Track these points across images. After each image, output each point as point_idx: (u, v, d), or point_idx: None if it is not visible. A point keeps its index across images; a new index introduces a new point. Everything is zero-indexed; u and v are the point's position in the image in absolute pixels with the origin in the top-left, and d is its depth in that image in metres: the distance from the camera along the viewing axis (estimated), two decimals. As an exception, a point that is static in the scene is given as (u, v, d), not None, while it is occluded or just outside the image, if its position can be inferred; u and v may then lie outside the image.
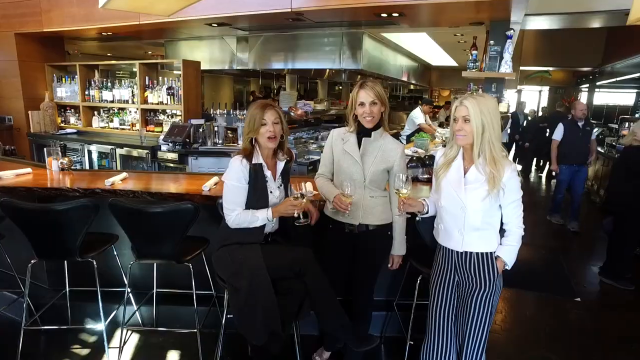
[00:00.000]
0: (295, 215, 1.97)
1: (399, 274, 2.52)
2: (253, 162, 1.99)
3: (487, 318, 1.85)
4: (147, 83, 5.02)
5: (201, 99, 5.87)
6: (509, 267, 1.85)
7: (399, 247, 2.23)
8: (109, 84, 5.34)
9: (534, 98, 17.39)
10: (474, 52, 3.63)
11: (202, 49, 6.19)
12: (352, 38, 5.14)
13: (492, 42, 3.50)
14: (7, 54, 5.40)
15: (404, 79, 9.09)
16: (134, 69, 5.04)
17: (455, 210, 1.83)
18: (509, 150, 7.92)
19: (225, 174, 2.01)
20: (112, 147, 5.00)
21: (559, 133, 5.07)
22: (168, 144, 4.62)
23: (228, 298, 2.09)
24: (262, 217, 1.99)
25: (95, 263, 2.35)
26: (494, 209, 1.81)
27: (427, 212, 1.98)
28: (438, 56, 9.19)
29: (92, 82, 5.49)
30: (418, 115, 6.22)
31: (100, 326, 2.46)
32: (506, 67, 3.46)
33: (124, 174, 2.90)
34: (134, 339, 2.73)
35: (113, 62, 5.73)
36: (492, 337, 2.73)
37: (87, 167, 5.29)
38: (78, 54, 8.23)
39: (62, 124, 5.87)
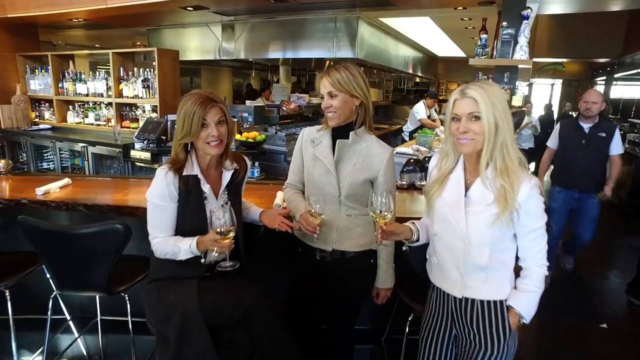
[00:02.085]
0: (215, 255, 1.47)
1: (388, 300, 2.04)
2: (185, 173, 1.53)
3: None
4: (121, 75, 4.57)
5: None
6: (526, 321, 1.35)
7: (384, 278, 1.76)
8: (82, 76, 4.90)
9: (546, 92, 16.71)
10: (483, 35, 3.11)
11: (187, 37, 5.72)
12: (346, 23, 4.63)
13: (504, 23, 2.98)
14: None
15: (409, 70, 8.55)
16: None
17: (452, 242, 1.35)
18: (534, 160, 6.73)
19: (149, 188, 1.55)
20: (84, 145, 4.58)
21: (553, 138, 3.35)
22: (142, 142, 4.18)
23: (155, 349, 1.64)
24: (184, 249, 1.51)
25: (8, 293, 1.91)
26: (507, 240, 1.33)
27: (417, 240, 1.50)
28: (444, 46, 8.60)
29: (66, 74, 5.05)
30: (420, 110, 5.73)
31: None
32: (521, 53, 2.95)
33: (66, 180, 2.45)
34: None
35: (85, 51, 5.27)
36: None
37: (59, 168, 4.88)
38: (63, 44, 7.83)
39: (37, 119, 5.46)
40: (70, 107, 5.20)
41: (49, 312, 1.94)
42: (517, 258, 1.38)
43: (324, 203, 1.63)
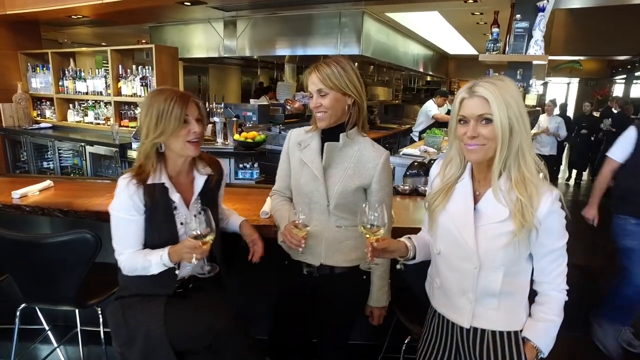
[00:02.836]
0: (194, 262, 1.31)
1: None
2: (150, 182, 1.37)
3: None
4: (120, 73, 4.46)
5: (206, 91, 5.27)
6: (544, 355, 1.17)
7: (378, 296, 1.58)
8: (82, 74, 4.81)
9: (561, 91, 16.27)
10: (495, 29, 2.90)
11: (190, 34, 5.60)
12: (351, 19, 4.44)
13: (518, 16, 2.77)
14: (-28, 41, 4.94)
15: (421, 69, 8.31)
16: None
17: (460, 263, 1.17)
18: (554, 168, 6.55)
19: (113, 200, 1.40)
20: (82, 144, 4.48)
21: (623, 147, 2.38)
22: (139, 141, 4.06)
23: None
24: (155, 262, 1.36)
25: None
26: (522, 261, 1.15)
27: (413, 258, 1.31)
28: (455, 43, 8.34)
29: (67, 72, 4.97)
30: (432, 107, 5.53)
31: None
32: (536, 48, 2.73)
33: (47, 183, 2.33)
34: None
35: (84, 49, 5.18)
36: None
37: (58, 168, 4.80)
38: (69, 42, 7.80)
39: (38, 118, 5.39)
40: (71, 105, 5.12)
41: (16, 323, 1.80)
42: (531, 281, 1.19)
43: (309, 212, 1.46)
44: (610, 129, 7.00)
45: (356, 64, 6.92)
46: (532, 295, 1.21)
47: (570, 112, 10.53)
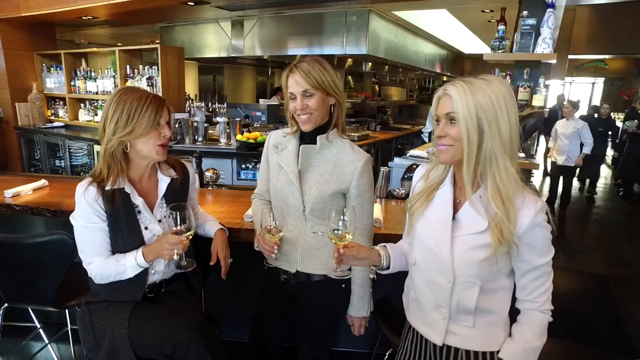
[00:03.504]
0: (176, 257, 1.29)
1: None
2: (109, 187, 1.34)
3: None
4: (127, 73, 4.51)
5: (220, 91, 5.31)
6: None
7: (359, 306, 1.51)
8: (92, 74, 4.89)
9: (586, 91, 15.74)
10: (501, 27, 2.78)
11: (199, 35, 5.63)
12: (356, 18, 4.36)
13: (525, 13, 2.64)
14: (-10, 43, 5.08)
15: (434, 69, 8.14)
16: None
17: (433, 276, 1.10)
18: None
19: (75, 210, 1.37)
20: (91, 143, 4.55)
21: None
22: (144, 141, 4.09)
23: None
24: (130, 265, 1.33)
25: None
26: (502, 278, 1.07)
27: (388, 268, 1.24)
28: (469, 42, 8.11)
29: (78, 72, 5.06)
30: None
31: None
32: (544, 46, 2.59)
33: (42, 182, 2.35)
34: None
35: (94, 49, 5.27)
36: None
37: (69, 166, 4.89)
38: (85, 43, 7.96)
39: (52, 117, 5.52)
40: (82, 105, 5.22)
41: (-1, 322, 1.82)
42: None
43: (286, 217, 1.41)
44: (636, 131, 6.64)
45: (370, 64, 6.85)
46: (517, 314, 1.13)
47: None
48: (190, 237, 1.31)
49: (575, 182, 6.57)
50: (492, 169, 1.00)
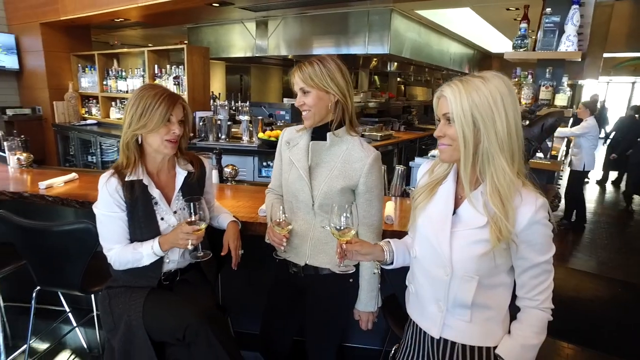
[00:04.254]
0: (190, 247, 1.36)
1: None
2: (128, 178, 1.41)
3: None
4: (155, 72, 4.69)
5: (247, 90, 5.45)
6: None
7: (366, 301, 1.53)
8: (123, 74, 5.10)
9: (625, 91, 15.03)
10: (524, 25, 2.72)
11: (225, 35, 5.77)
12: (378, 17, 4.35)
13: (548, 10, 2.57)
14: (33, 45, 5.39)
15: (460, 69, 8.00)
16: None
17: (433, 269, 1.12)
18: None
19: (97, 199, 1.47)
20: (119, 140, 4.74)
21: None
22: (170, 138, 4.24)
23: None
24: (147, 253, 1.41)
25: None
26: (502, 274, 1.07)
27: (392, 263, 1.26)
28: (496, 41, 7.92)
29: (110, 72, 5.30)
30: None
31: None
32: (568, 44, 2.53)
33: (72, 175, 2.50)
34: None
35: (125, 49, 5.49)
36: None
37: (100, 162, 5.13)
38: (119, 44, 8.29)
39: (86, 115, 5.80)
40: (113, 103, 5.45)
41: (32, 304, 1.95)
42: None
43: (296, 211, 1.46)
44: None
45: (395, 64, 6.80)
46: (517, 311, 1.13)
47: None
48: (204, 227, 1.38)
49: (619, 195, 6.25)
50: (490, 168, 1.01)
